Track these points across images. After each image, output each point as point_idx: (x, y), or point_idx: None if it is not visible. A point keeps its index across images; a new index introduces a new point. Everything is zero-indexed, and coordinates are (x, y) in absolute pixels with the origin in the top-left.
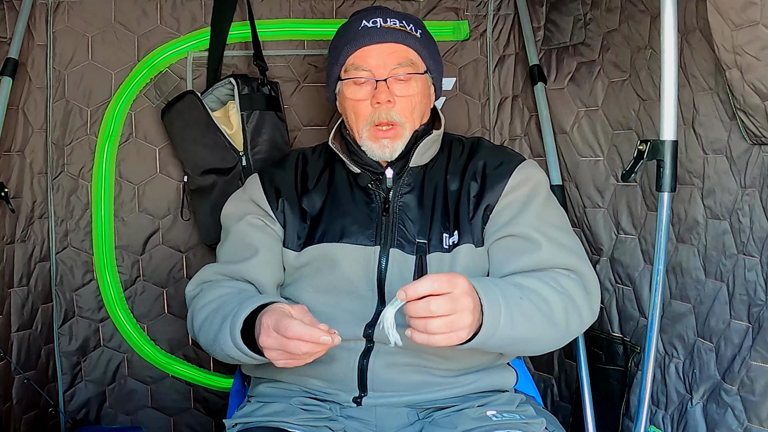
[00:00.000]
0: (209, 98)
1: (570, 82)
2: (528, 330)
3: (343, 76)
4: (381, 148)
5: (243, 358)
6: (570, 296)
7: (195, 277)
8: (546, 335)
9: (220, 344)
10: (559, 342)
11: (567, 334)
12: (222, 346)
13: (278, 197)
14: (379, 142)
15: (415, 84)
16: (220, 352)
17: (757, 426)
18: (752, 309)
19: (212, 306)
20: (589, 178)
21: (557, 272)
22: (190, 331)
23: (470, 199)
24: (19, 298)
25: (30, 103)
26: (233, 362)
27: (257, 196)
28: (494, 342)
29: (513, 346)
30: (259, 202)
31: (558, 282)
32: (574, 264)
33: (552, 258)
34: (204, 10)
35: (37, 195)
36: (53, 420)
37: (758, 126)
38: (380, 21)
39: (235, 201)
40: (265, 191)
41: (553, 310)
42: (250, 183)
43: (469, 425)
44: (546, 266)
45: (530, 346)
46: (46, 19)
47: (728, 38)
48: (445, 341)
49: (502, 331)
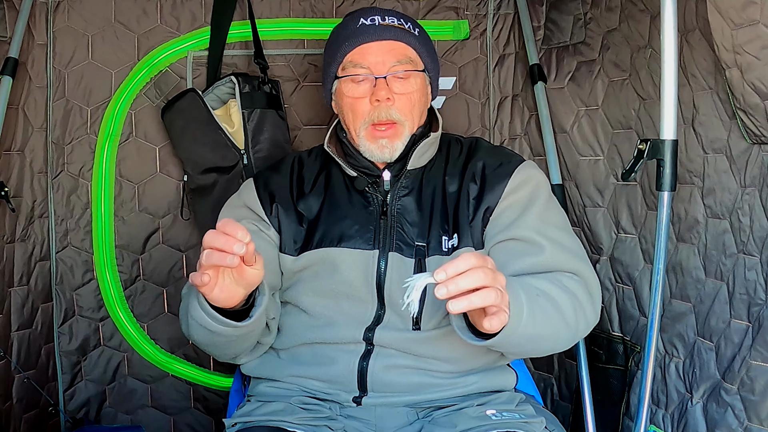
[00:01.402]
0: (210, 97)
1: (570, 82)
2: (546, 328)
3: (341, 74)
4: (380, 149)
5: (211, 324)
6: (576, 297)
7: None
8: (560, 334)
9: (194, 317)
10: (569, 341)
11: (576, 334)
12: (195, 317)
13: (272, 202)
14: (378, 143)
15: (414, 81)
16: (195, 327)
17: (757, 425)
18: (752, 308)
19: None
20: (589, 178)
21: (561, 274)
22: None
23: (469, 201)
24: (19, 298)
25: (30, 102)
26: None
27: (251, 201)
28: (515, 338)
29: (530, 344)
30: (254, 207)
31: (563, 283)
32: (576, 267)
33: (554, 261)
34: (204, 9)
35: (37, 194)
36: (53, 419)
37: (758, 125)
38: (378, 19)
39: (230, 207)
40: (259, 196)
41: (564, 309)
42: (244, 188)
43: (469, 424)
44: (549, 269)
45: (545, 344)
46: (46, 19)
47: (728, 37)
48: (500, 322)
49: (524, 328)
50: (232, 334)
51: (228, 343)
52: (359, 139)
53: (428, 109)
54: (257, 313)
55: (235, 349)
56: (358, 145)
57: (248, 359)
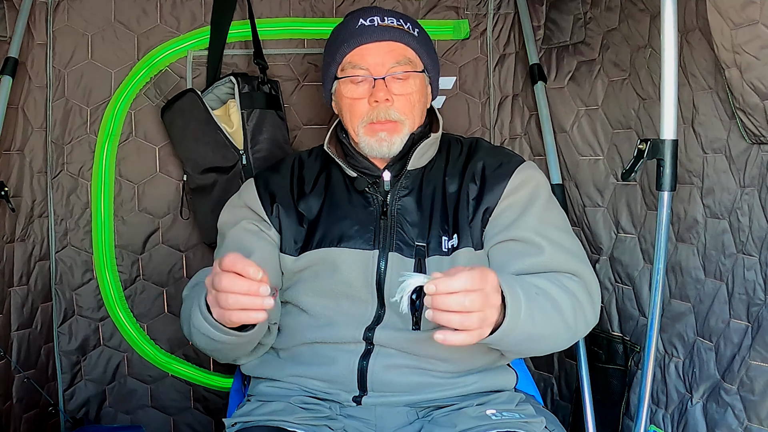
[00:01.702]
0: (209, 97)
1: (570, 81)
2: (545, 327)
3: (340, 75)
4: (378, 142)
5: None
6: (576, 297)
7: (191, 280)
8: (559, 333)
9: (196, 326)
10: (568, 341)
11: (575, 334)
12: (198, 326)
13: (273, 202)
14: (377, 136)
15: (413, 82)
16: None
17: (756, 425)
18: (751, 308)
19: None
20: (588, 177)
21: (561, 275)
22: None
23: (469, 202)
24: (19, 297)
25: (30, 102)
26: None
27: (252, 201)
28: (512, 338)
29: (528, 343)
30: (254, 207)
31: (563, 283)
32: (575, 268)
33: (554, 262)
34: (204, 8)
35: (36, 194)
36: (53, 419)
37: (757, 125)
38: (377, 19)
39: (231, 207)
40: (260, 196)
41: (564, 309)
42: (245, 188)
43: (469, 424)
44: (548, 270)
45: (543, 344)
46: (46, 18)
47: (728, 37)
48: (477, 337)
49: (522, 327)
50: (235, 342)
51: (230, 349)
52: (358, 136)
53: (428, 110)
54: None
55: (237, 353)
56: (358, 143)
57: (248, 360)
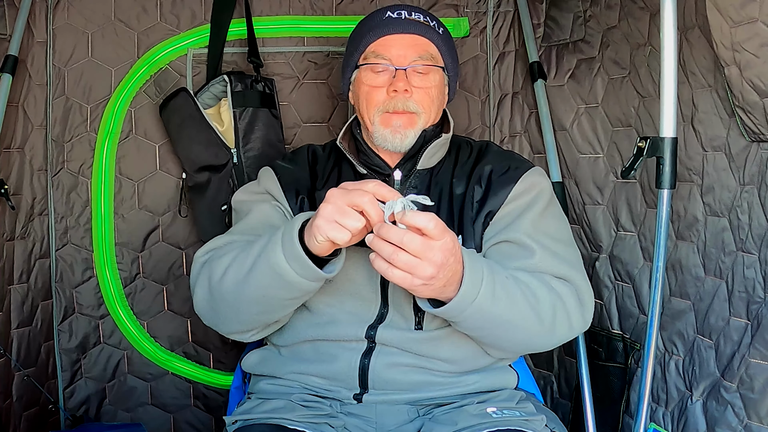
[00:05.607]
0: (206, 95)
1: (570, 79)
2: (509, 311)
3: (362, 62)
4: (393, 133)
5: (290, 275)
6: (561, 298)
7: (205, 246)
8: (528, 325)
9: (259, 270)
10: (542, 338)
11: (552, 333)
12: (262, 272)
13: (297, 195)
14: (392, 125)
15: (434, 77)
16: (255, 284)
17: (756, 423)
18: (751, 306)
19: (238, 249)
20: (588, 175)
21: (550, 277)
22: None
23: (473, 203)
24: (19, 295)
25: (30, 100)
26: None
27: (275, 190)
28: (471, 313)
29: (491, 325)
30: (277, 196)
31: (549, 283)
32: (567, 273)
33: (544, 265)
34: (204, 6)
35: (36, 192)
36: (53, 417)
37: (757, 123)
38: (405, 13)
39: (248, 192)
40: (282, 186)
41: (540, 302)
42: (264, 176)
43: (470, 422)
44: (539, 272)
45: (511, 332)
46: (45, 16)
47: (727, 35)
48: (400, 280)
49: (480, 302)
50: (309, 290)
51: (278, 305)
52: (373, 125)
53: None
54: (341, 262)
55: (268, 316)
56: (372, 133)
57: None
